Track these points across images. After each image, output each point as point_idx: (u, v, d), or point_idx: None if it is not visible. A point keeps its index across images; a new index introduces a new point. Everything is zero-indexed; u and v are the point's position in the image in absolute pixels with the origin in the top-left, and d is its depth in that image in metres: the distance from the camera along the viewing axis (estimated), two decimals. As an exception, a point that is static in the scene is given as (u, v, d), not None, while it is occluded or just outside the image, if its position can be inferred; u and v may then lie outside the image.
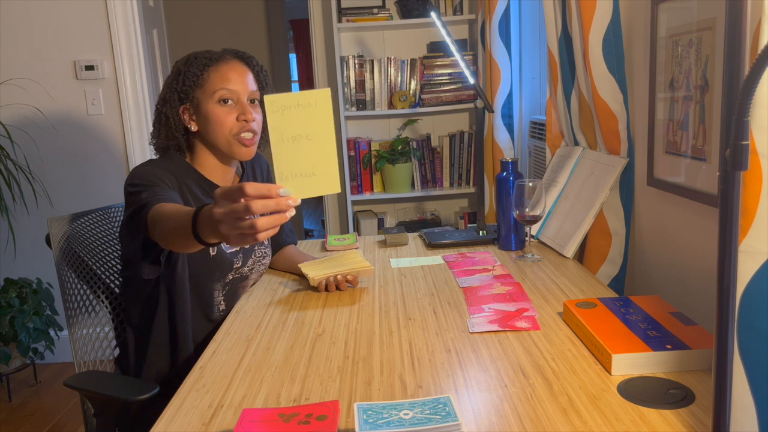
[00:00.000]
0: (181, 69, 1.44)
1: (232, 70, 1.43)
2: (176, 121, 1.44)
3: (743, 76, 0.67)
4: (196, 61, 1.43)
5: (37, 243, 3.04)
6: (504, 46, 2.64)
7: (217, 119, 1.41)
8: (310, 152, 0.91)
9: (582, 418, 0.88)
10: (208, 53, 1.45)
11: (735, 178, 0.67)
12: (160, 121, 1.46)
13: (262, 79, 1.49)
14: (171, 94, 1.44)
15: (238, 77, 1.42)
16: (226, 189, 0.87)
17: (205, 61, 1.43)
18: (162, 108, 1.45)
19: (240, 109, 1.42)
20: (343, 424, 0.90)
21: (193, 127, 1.45)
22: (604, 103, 1.55)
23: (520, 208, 1.61)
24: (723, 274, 0.69)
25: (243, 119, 1.41)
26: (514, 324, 1.22)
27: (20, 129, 3.00)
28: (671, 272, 1.40)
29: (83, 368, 1.54)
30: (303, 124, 0.91)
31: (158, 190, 1.27)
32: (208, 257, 1.43)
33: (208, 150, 1.47)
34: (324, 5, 3.41)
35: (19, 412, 2.74)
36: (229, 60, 1.44)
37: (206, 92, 1.41)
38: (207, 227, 0.94)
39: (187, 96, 1.43)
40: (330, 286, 1.49)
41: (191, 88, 1.42)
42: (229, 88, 1.41)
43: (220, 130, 1.41)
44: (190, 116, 1.44)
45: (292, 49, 8.10)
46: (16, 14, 2.94)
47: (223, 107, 1.41)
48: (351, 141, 3.36)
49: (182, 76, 1.43)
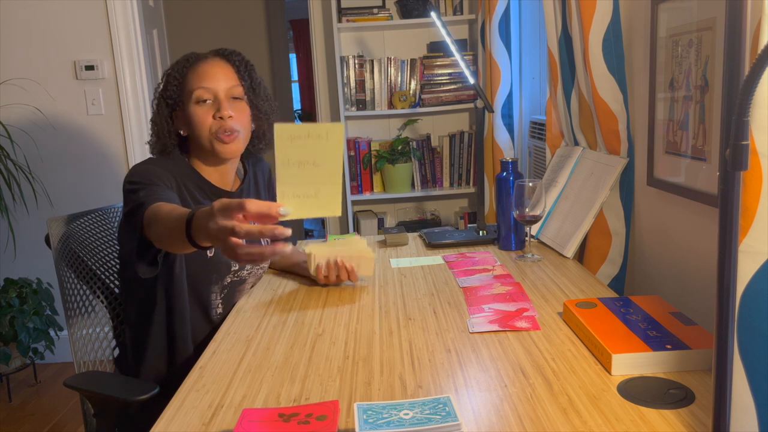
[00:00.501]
0: (165, 75, 1.45)
1: (210, 68, 1.41)
2: (168, 128, 1.44)
3: (743, 76, 0.67)
4: (177, 65, 1.43)
5: (36, 243, 3.04)
6: (504, 46, 2.64)
7: (197, 119, 1.40)
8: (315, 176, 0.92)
9: (582, 418, 0.88)
10: (191, 55, 1.44)
11: (735, 178, 0.67)
12: (154, 129, 1.46)
13: (244, 74, 1.45)
14: (160, 101, 1.45)
15: (214, 75, 1.40)
16: (226, 203, 0.88)
17: (185, 63, 1.43)
18: (154, 117, 1.45)
19: (216, 106, 1.39)
20: (343, 424, 0.90)
21: (183, 131, 1.45)
22: (604, 103, 1.55)
23: (520, 208, 1.61)
24: (723, 274, 0.69)
25: (219, 116, 1.39)
26: (514, 324, 1.22)
27: (20, 129, 3.00)
28: (671, 272, 1.40)
29: (83, 368, 1.54)
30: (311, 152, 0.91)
31: (156, 189, 1.27)
32: (206, 259, 1.43)
33: (201, 152, 1.47)
34: (324, 5, 3.41)
35: (19, 412, 2.74)
36: (209, 59, 1.43)
37: (186, 94, 1.41)
38: (200, 232, 0.95)
39: (175, 101, 1.43)
40: (330, 270, 1.48)
41: (176, 92, 1.42)
42: (205, 86, 1.39)
43: (200, 130, 1.40)
44: (181, 121, 1.45)
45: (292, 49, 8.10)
46: (16, 14, 2.94)
47: (201, 107, 1.39)
48: (351, 141, 3.36)
49: (165, 82, 1.44)
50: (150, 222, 1.14)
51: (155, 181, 1.32)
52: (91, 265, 1.62)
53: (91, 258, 1.63)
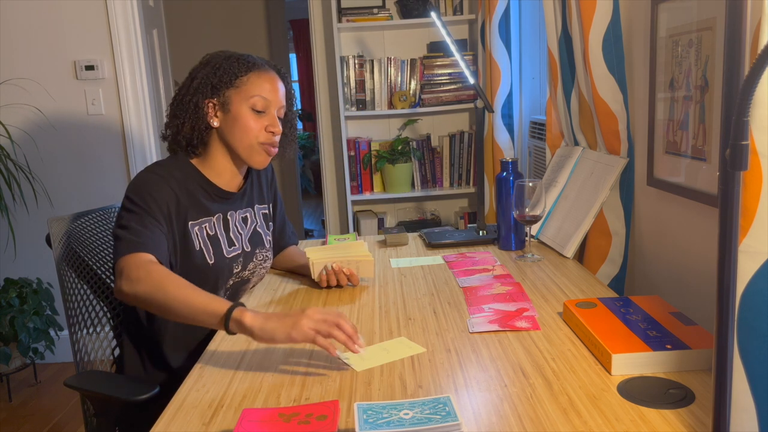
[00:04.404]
0: (221, 64, 1.42)
1: (270, 80, 1.44)
2: (203, 113, 1.42)
3: (743, 76, 0.67)
4: (238, 62, 1.42)
5: (37, 243, 3.03)
6: (504, 46, 2.64)
7: (246, 124, 1.41)
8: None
9: (582, 418, 0.89)
10: (249, 56, 1.45)
11: (735, 178, 0.67)
12: (188, 110, 1.41)
13: (289, 101, 1.51)
14: (204, 85, 1.41)
15: (273, 89, 1.43)
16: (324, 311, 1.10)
17: (248, 64, 1.42)
18: (191, 97, 1.41)
19: (269, 120, 1.43)
20: (343, 424, 0.90)
21: (215, 122, 1.42)
22: (604, 103, 1.55)
23: (520, 208, 1.61)
24: (723, 274, 0.69)
25: (270, 130, 1.43)
26: (514, 324, 1.22)
27: (20, 129, 3.00)
28: (671, 272, 1.40)
29: (83, 368, 1.54)
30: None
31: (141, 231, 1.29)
32: (207, 265, 1.42)
33: (224, 150, 1.45)
34: (324, 5, 3.41)
35: (19, 412, 2.74)
36: (269, 70, 1.45)
37: (241, 94, 1.41)
38: (240, 326, 1.10)
39: (218, 91, 1.41)
40: (330, 276, 1.50)
41: (226, 85, 1.40)
42: (265, 96, 1.41)
43: (245, 134, 1.41)
44: (215, 111, 1.42)
45: (292, 49, 8.10)
46: (16, 14, 2.94)
47: (254, 114, 1.41)
48: (351, 141, 3.36)
49: (221, 72, 1.41)
50: (152, 292, 1.19)
51: (147, 209, 1.33)
52: (92, 264, 1.62)
53: (92, 258, 1.63)
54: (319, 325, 1.06)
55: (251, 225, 1.55)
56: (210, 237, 1.43)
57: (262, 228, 1.58)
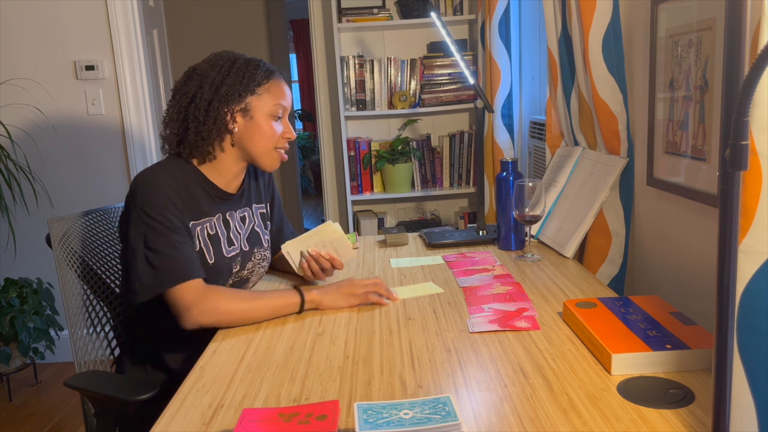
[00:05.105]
0: (242, 70, 1.41)
1: (286, 88, 1.48)
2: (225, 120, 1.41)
3: (743, 76, 0.67)
4: (258, 69, 1.43)
5: (37, 243, 3.04)
6: (504, 46, 2.64)
7: (267, 131, 1.43)
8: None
9: (582, 418, 0.89)
10: (263, 63, 1.46)
11: (735, 178, 0.67)
12: (214, 118, 1.40)
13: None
14: (231, 92, 1.40)
15: (288, 97, 1.49)
16: (362, 280, 1.43)
17: (267, 72, 1.44)
18: (218, 105, 1.39)
19: (285, 127, 1.47)
20: (343, 424, 0.90)
21: (235, 128, 1.42)
22: (604, 103, 1.55)
23: (520, 208, 1.61)
24: (723, 274, 0.69)
25: (287, 136, 1.47)
26: (514, 324, 1.22)
27: (20, 129, 3.00)
28: (671, 272, 1.40)
29: (83, 368, 1.54)
30: None
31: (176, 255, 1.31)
32: (207, 265, 1.41)
33: (236, 154, 1.45)
34: (324, 5, 3.41)
35: (19, 412, 2.74)
36: (281, 77, 1.48)
37: (263, 102, 1.42)
38: (312, 304, 1.39)
39: (242, 99, 1.41)
40: (309, 263, 1.51)
41: (250, 92, 1.41)
42: (284, 104, 1.46)
43: (265, 141, 1.43)
44: (233, 117, 1.42)
45: (292, 49, 8.10)
46: (16, 14, 2.94)
47: (275, 122, 1.45)
48: (351, 141, 3.36)
49: (246, 79, 1.41)
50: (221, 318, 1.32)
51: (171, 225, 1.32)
52: (92, 265, 1.62)
53: (92, 258, 1.63)
54: (367, 288, 1.39)
55: (249, 224, 1.55)
56: (210, 237, 1.43)
57: (260, 227, 1.58)
